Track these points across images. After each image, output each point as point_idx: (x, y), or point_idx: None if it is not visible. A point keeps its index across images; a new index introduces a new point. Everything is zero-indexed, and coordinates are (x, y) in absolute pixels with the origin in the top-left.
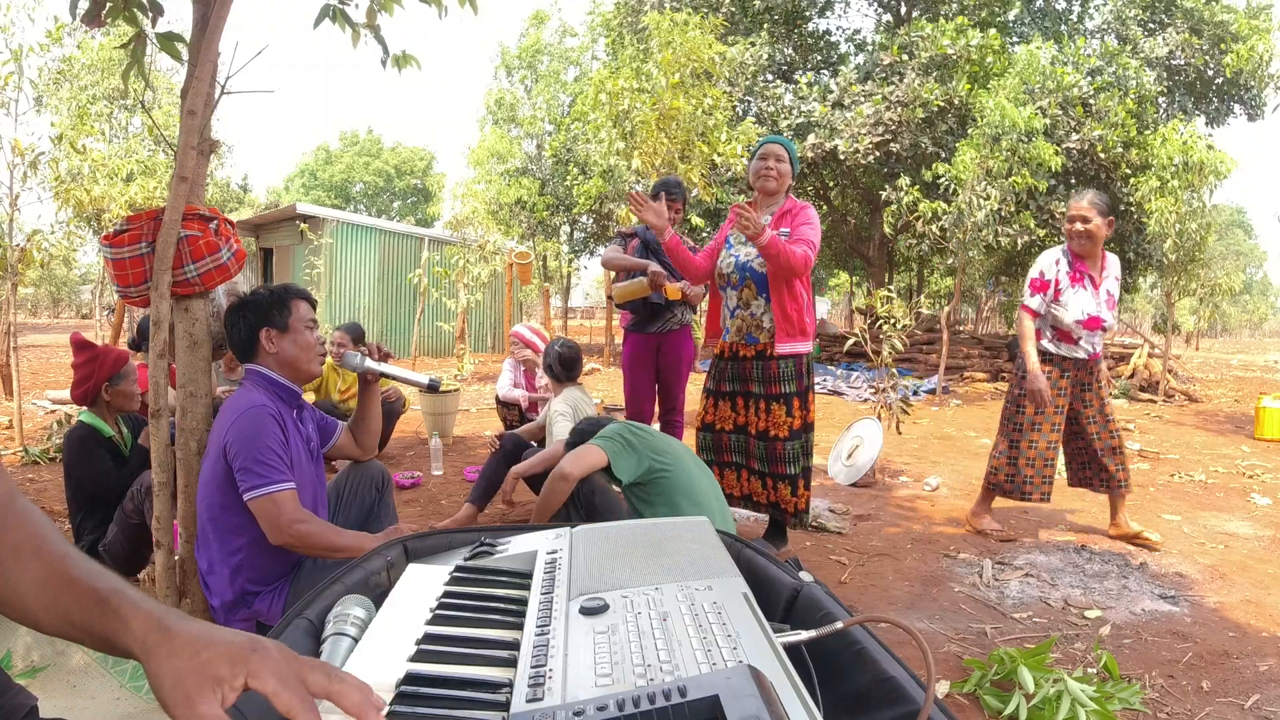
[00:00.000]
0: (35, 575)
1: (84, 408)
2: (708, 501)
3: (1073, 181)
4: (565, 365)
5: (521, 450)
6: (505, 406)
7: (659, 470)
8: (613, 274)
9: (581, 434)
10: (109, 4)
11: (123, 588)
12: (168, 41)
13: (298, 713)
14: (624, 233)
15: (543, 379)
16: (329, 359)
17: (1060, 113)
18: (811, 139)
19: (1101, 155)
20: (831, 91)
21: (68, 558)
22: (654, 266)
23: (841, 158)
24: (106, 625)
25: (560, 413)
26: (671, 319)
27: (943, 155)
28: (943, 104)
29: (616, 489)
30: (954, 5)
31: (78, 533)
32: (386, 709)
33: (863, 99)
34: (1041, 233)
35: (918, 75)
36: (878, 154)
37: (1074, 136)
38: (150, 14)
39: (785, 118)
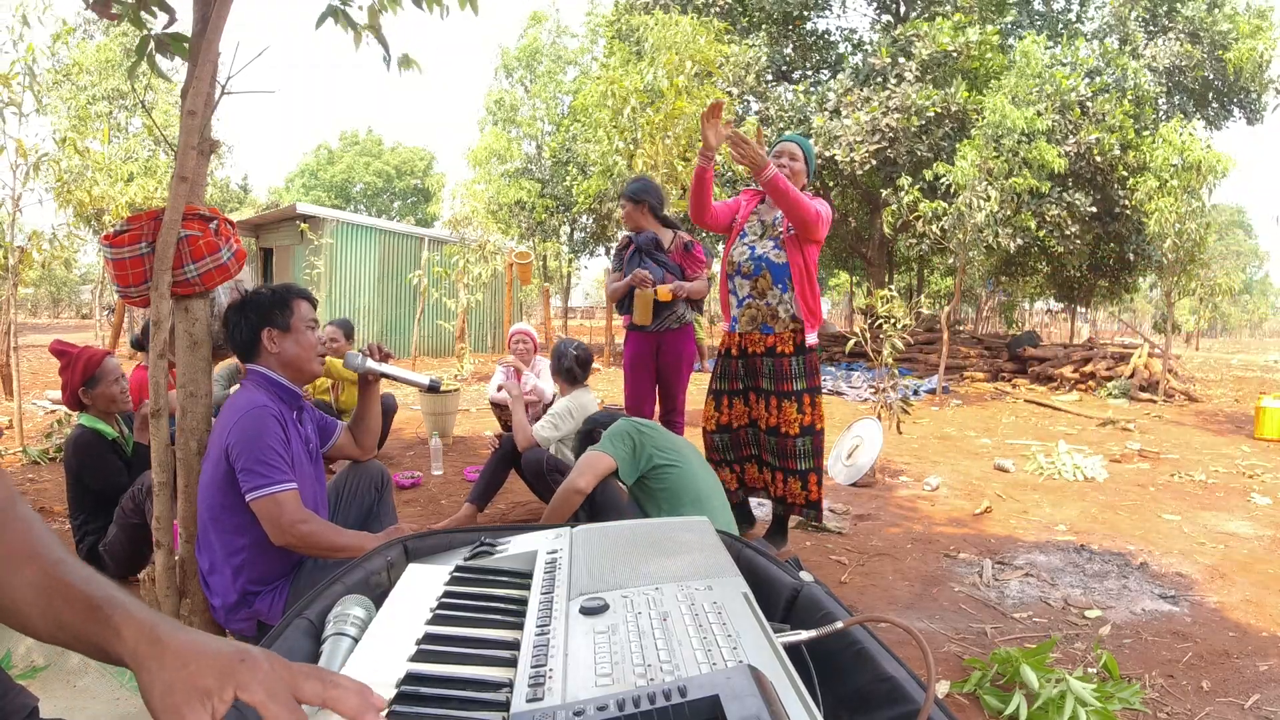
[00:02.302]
0: (30, 580)
1: (78, 411)
2: (710, 501)
3: (1069, 184)
4: (582, 366)
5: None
6: (499, 409)
7: (663, 465)
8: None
9: (591, 426)
10: (116, 4)
11: (116, 595)
12: (177, 42)
13: None
14: (620, 246)
15: (529, 383)
16: (337, 361)
17: (1058, 116)
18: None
19: (1098, 158)
20: (828, 99)
21: (63, 563)
22: (639, 273)
23: (840, 166)
24: (99, 633)
25: (557, 413)
26: (670, 317)
27: (942, 157)
28: (939, 110)
29: (622, 485)
30: (950, 5)
31: (78, 533)
32: (387, 709)
33: (859, 105)
34: (1041, 233)
35: (914, 80)
36: (874, 162)
37: (1070, 140)
38: (167, 14)
39: (787, 123)
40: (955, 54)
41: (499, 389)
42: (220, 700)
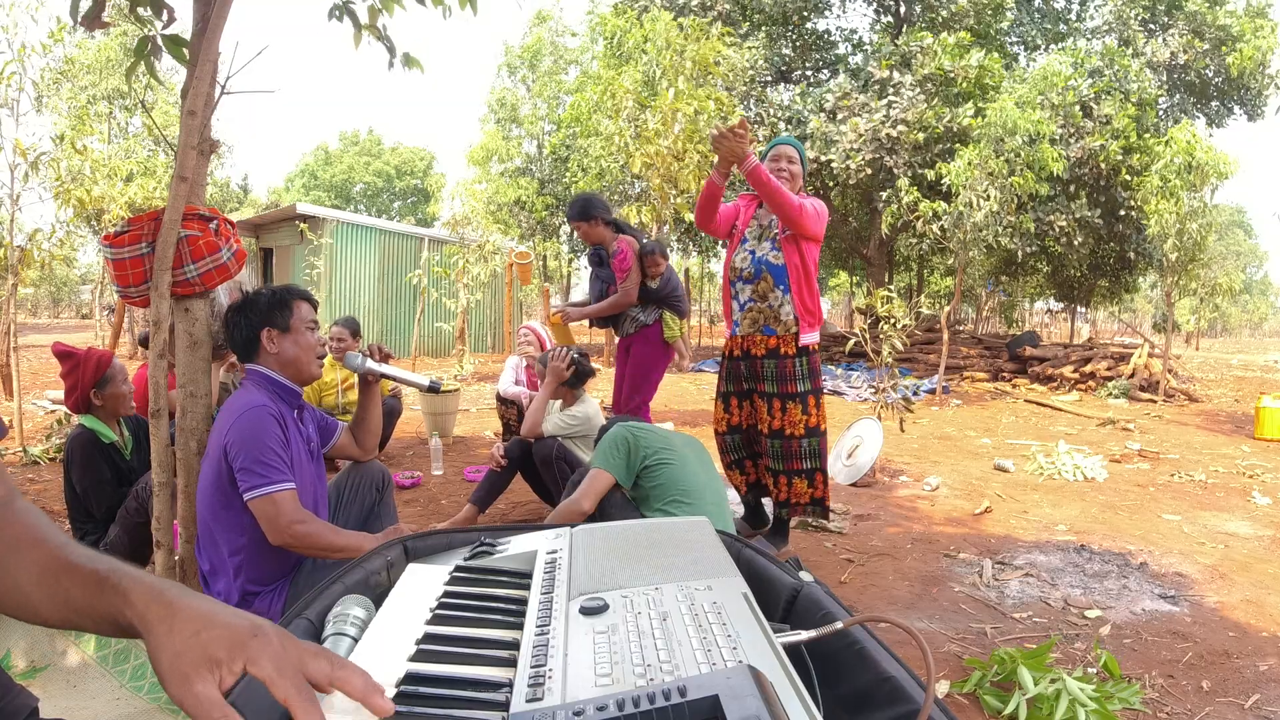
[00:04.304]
0: (35, 564)
1: (83, 414)
2: (703, 496)
3: (1072, 189)
4: (587, 375)
5: (527, 453)
6: (505, 404)
7: (654, 464)
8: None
9: (601, 433)
10: (109, 6)
11: (122, 566)
12: (175, 45)
13: (294, 700)
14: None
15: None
16: (328, 359)
17: (1062, 120)
18: (809, 149)
19: (1102, 164)
20: (826, 101)
21: (66, 545)
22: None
23: (836, 172)
24: (108, 603)
25: (576, 418)
26: (626, 321)
27: (942, 159)
28: (944, 129)
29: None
30: (950, 8)
31: (78, 532)
32: None
33: (856, 110)
34: (1046, 239)
35: (920, 93)
36: (870, 172)
37: (1075, 144)
38: (164, 14)
39: (788, 126)
40: (953, 75)
41: (515, 382)
42: (229, 671)
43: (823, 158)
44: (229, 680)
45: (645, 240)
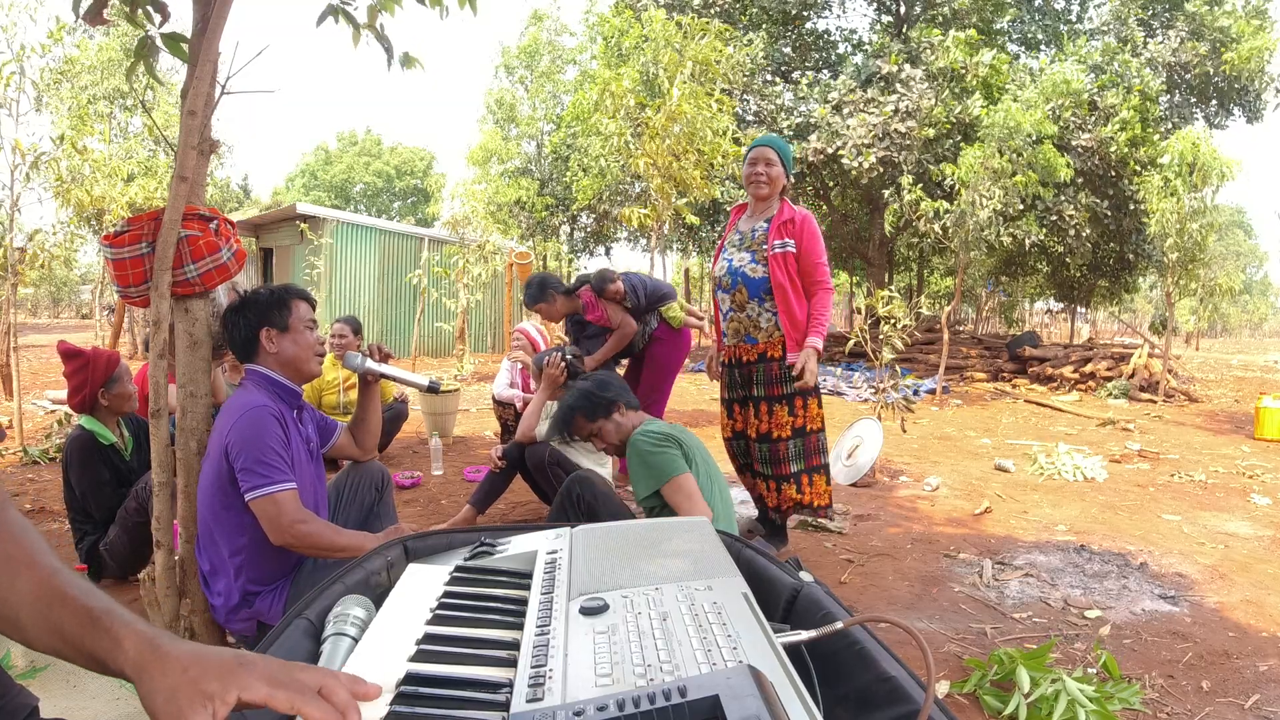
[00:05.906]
0: (27, 588)
1: (84, 414)
2: (727, 508)
3: (1079, 181)
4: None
5: (523, 456)
6: (501, 405)
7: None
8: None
9: (608, 392)
10: (111, 3)
11: (114, 607)
12: (174, 43)
13: (297, 703)
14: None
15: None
16: (329, 358)
17: (1070, 115)
18: (814, 141)
19: (1113, 154)
20: (832, 89)
21: (60, 573)
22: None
23: (846, 169)
24: (98, 644)
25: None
26: (640, 337)
27: (949, 156)
28: (952, 122)
29: (619, 488)
30: (950, 7)
31: (78, 533)
32: (386, 709)
33: (863, 106)
34: (1043, 234)
35: (929, 88)
36: (881, 169)
37: (1084, 135)
38: (159, 15)
39: (785, 118)
40: (964, 71)
41: (509, 385)
42: (222, 703)
43: (829, 149)
44: (222, 712)
45: (588, 278)
